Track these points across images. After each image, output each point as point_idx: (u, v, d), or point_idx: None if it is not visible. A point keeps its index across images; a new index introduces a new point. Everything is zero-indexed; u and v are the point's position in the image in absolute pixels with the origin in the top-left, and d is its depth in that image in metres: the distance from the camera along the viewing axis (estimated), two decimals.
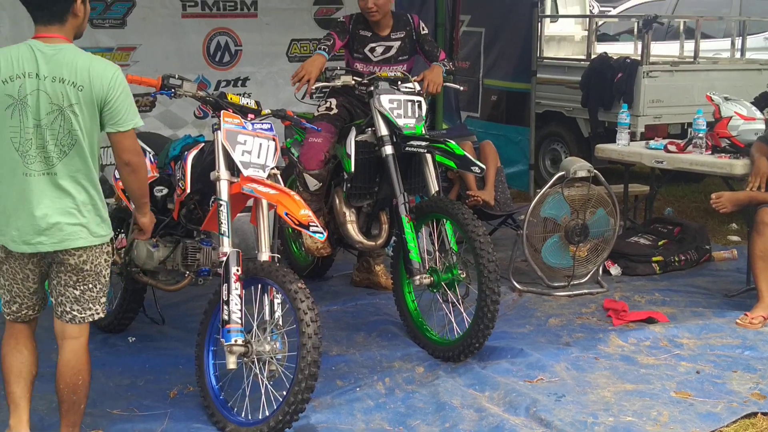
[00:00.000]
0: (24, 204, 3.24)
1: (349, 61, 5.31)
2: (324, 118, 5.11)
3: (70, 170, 3.27)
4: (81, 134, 3.25)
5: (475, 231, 4.39)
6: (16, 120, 3.21)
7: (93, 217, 3.33)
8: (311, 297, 3.65)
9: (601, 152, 6.59)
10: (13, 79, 3.19)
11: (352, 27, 5.20)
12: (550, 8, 11.56)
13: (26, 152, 3.22)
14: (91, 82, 3.23)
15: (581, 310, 5.40)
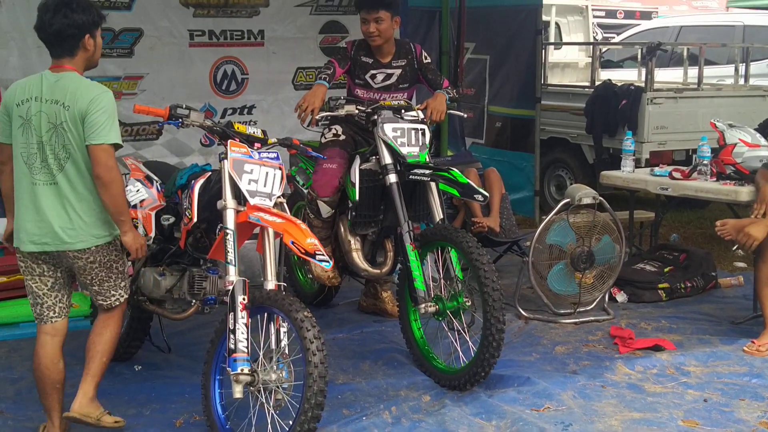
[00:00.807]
0: (32, 209, 3.70)
1: (350, 87, 5.33)
2: (335, 144, 5.13)
3: (69, 180, 3.68)
4: (73, 148, 3.65)
5: (479, 259, 4.39)
6: (25, 137, 3.68)
7: (94, 221, 3.72)
8: (317, 326, 3.65)
9: (606, 179, 6.60)
10: (23, 103, 3.68)
11: (353, 53, 5.23)
12: (554, 35, 11.67)
13: (33, 165, 3.68)
14: (76, 101, 3.61)
15: (588, 337, 5.39)
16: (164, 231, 4.43)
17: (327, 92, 4.98)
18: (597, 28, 14.26)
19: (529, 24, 8.54)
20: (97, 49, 3.78)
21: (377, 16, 5.07)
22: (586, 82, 10.01)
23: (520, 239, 6.39)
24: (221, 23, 6.91)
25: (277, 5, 7.11)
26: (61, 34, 3.67)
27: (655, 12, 17.54)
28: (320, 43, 7.37)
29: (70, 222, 3.69)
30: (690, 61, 9.11)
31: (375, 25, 5.08)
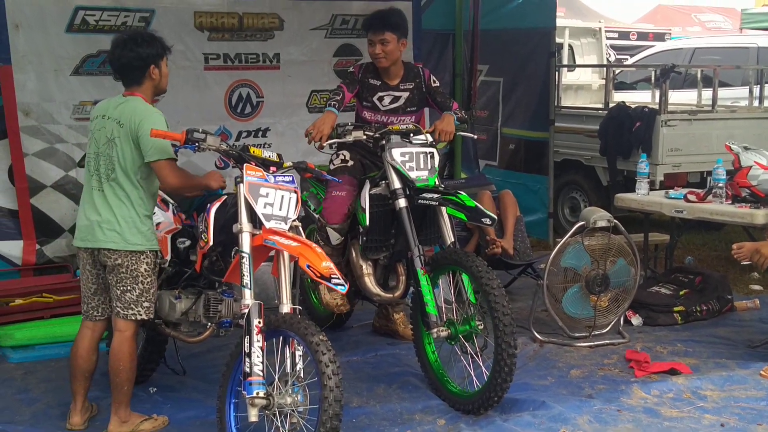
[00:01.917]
0: (86, 209, 4.18)
1: (358, 109, 5.35)
2: (344, 171, 5.15)
3: (113, 188, 4.11)
4: (119, 161, 4.09)
5: (490, 283, 4.38)
6: (90, 148, 4.23)
7: (129, 228, 4.09)
8: (333, 349, 3.66)
9: (621, 202, 6.60)
10: (95, 119, 4.24)
11: (361, 75, 5.26)
12: (567, 58, 11.68)
13: (91, 171, 4.19)
14: (130, 120, 4.06)
15: (603, 361, 5.36)
16: (180, 254, 4.45)
17: (336, 119, 5.00)
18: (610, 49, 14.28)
19: (542, 46, 8.56)
20: (163, 78, 4.25)
21: (383, 37, 5.10)
22: (599, 104, 9.99)
23: (534, 262, 6.39)
24: (236, 47, 6.97)
25: (292, 29, 7.17)
26: (129, 67, 4.15)
27: (668, 33, 17.55)
28: (334, 66, 7.42)
29: (108, 223, 4.08)
30: (704, 83, 9.09)
31: (381, 46, 5.12)
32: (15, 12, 5.97)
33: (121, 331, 4.15)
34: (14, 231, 6.24)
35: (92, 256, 4.17)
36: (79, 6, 6.23)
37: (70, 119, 6.33)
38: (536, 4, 8.52)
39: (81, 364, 4.25)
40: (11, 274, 6.21)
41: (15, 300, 5.84)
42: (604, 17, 18.70)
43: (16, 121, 6.08)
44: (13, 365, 5.25)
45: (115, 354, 4.15)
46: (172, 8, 6.61)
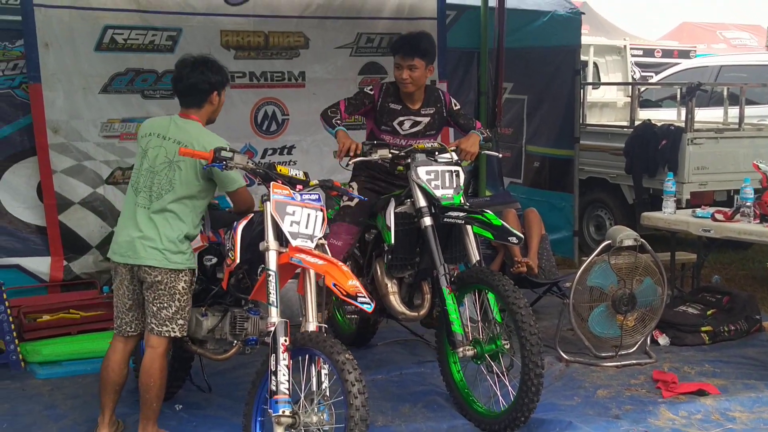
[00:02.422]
0: (127, 225, 4.20)
1: (373, 131, 5.28)
2: (344, 218, 5.09)
3: (163, 208, 4.14)
4: (178, 183, 4.14)
5: (516, 303, 4.36)
6: (139, 164, 4.26)
7: (171, 247, 4.12)
8: (359, 368, 3.65)
9: (648, 220, 6.55)
10: (147, 136, 4.27)
11: (381, 99, 5.20)
12: (592, 75, 11.65)
13: (137, 188, 4.22)
14: (198, 146, 4.10)
15: (630, 381, 5.32)
16: (207, 271, 4.47)
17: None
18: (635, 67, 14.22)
19: (567, 64, 8.55)
20: (219, 106, 4.37)
21: (412, 63, 5.07)
22: (624, 122, 9.96)
23: (559, 280, 6.35)
24: (262, 65, 7.01)
25: (317, 47, 7.20)
26: (194, 88, 4.24)
27: (693, 51, 17.49)
28: (359, 84, 7.42)
29: (150, 241, 4.11)
30: (730, 100, 9.04)
31: (408, 72, 5.07)
32: (45, 31, 6.04)
33: (154, 347, 4.18)
34: (42, 247, 6.30)
35: (131, 272, 4.20)
36: (108, 25, 6.30)
37: (98, 137, 6.39)
38: (561, 22, 8.52)
39: (112, 377, 4.29)
40: (39, 290, 6.26)
41: (42, 316, 5.89)
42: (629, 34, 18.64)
43: (45, 138, 6.15)
44: (40, 381, 5.29)
45: (146, 370, 4.17)
46: (199, 27, 6.66)
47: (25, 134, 6.23)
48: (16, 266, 6.22)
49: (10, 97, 6.18)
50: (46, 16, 6.03)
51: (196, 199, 4.21)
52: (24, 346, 5.57)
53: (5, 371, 5.40)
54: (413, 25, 7.46)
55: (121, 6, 6.32)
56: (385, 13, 7.41)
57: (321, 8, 7.10)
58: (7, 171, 6.22)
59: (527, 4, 8.64)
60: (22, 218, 6.30)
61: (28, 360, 5.50)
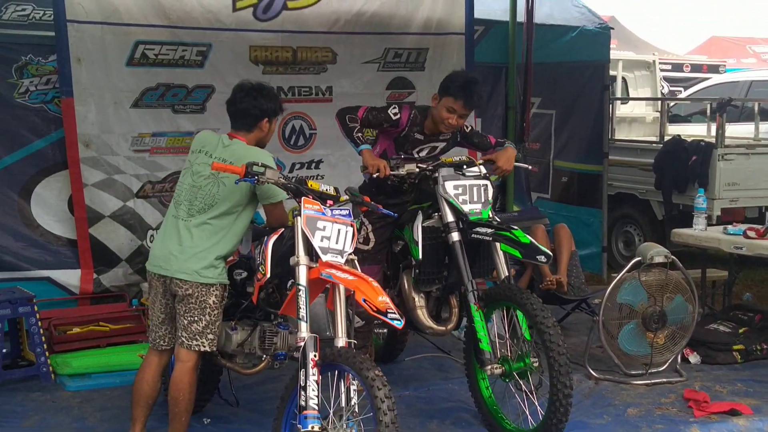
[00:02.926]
0: (165, 237, 4.26)
1: (387, 149, 5.21)
2: (365, 260, 4.96)
3: (203, 222, 4.19)
4: (220, 199, 4.19)
5: (545, 322, 4.32)
6: (183, 178, 4.33)
7: (204, 263, 4.15)
8: (388, 385, 3.63)
9: (678, 237, 6.50)
10: (197, 152, 4.34)
11: (408, 128, 5.12)
12: (621, 90, 11.60)
13: (179, 201, 4.28)
14: (241, 161, 4.08)
15: (660, 399, 5.26)
16: (237, 285, 4.48)
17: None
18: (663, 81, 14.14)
19: (596, 79, 8.52)
20: (269, 134, 4.45)
21: (466, 113, 5.04)
22: (653, 137, 9.90)
23: (588, 297, 6.30)
24: (289, 80, 7.03)
25: (345, 62, 7.22)
26: (246, 112, 4.33)
27: (722, 65, 17.36)
28: (387, 99, 7.44)
29: (183, 254, 4.15)
30: (761, 116, 8.96)
31: (459, 120, 5.02)
32: (78, 46, 6.11)
33: (184, 361, 4.19)
34: (73, 260, 6.36)
35: (164, 285, 4.23)
36: (139, 40, 6.36)
37: (129, 151, 6.45)
38: (590, 37, 8.50)
39: (145, 390, 4.30)
40: (69, 302, 6.31)
41: (72, 328, 5.93)
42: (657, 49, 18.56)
43: (76, 152, 6.21)
44: (70, 393, 5.32)
45: (175, 384, 4.19)
46: (228, 42, 6.70)
47: (57, 148, 6.30)
48: (46, 279, 6.28)
49: (42, 111, 6.26)
50: (78, 31, 6.09)
51: (237, 216, 4.24)
52: (54, 358, 5.61)
53: (36, 383, 5.43)
54: (441, 41, 7.48)
55: (152, 22, 6.38)
56: (412, 29, 7.41)
57: (349, 23, 7.12)
58: (38, 184, 6.30)
59: (555, 19, 8.62)
60: (53, 231, 6.37)
61: (58, 372, 5.53)
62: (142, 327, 6.03)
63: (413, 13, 7.36)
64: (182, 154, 6.04)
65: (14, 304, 5.42)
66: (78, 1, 6.05)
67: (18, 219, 6.25)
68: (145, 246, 6.47)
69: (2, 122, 6.16)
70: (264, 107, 4.36)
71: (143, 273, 4.70)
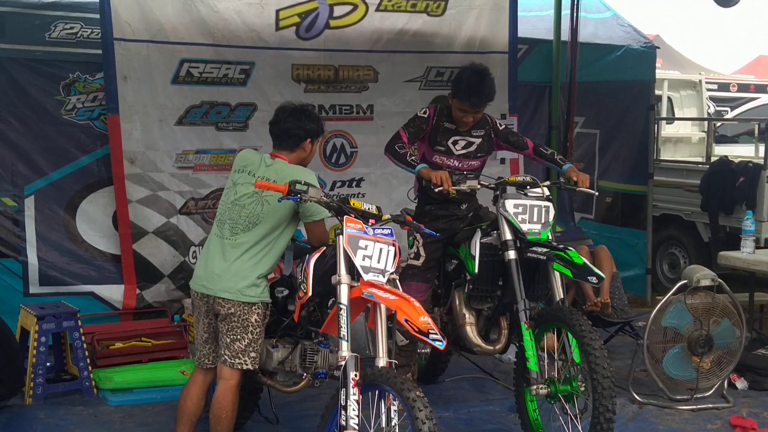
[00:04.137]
0: (209, 257, 4.27)
1: (426, 153, 5.22)
2: (415, 276, 5.06)
3: (248, 241, 4.20)
4: (264, 218, 4.21)
5: (592, 344, 4.28)
6: (227, 196, 4.35)
7: (247, 282, 4.15)
8: (429, 406, 3.60)
9: (725, 260, 6.38)
10: (239, 171, 4.38)
11: (436, 119, 5.17)
12: (666, 110, 11.47)
13: (222, 220, 4.30)
14: (285, 179, 4.10)
15: (706, 425, 5.17)
16: (278, 303, 4.47)
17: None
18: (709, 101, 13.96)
19: (641, 99, 8.44)
20: (310, 155, 4.48)
21: (479, 110, 5.10)
22: (699, 158, 9.76)
23: (632, 320, 6.21)
24: (331, 98, 7.06)
25: (386, 80, 7.23)
26: (289, 132, 4.37)
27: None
28: None
29: (227, 273, 4.17)
30: None
31: (474, 116, 5.10)
32: (124, 64, 6.20)
33: (227, 379, 4.20)
34: (116, 275, 6.42)
35: (207, 304, 4.25)
36: (184, 59, 6.43)
37: (173, 167, 6.51)
38: (635, 56, 8.42)
39: (190, 407, 4.32)
40: (112, 317, 6.37)
41: (115, 343, 5.98)
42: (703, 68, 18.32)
43: (122, 168, 6.29)
44: (112, 408, 5.35)
45: (218, 402, 4.19)
46: (270, 61, 6.75)
47: (102, 164, 6.39)
48: (90, 294, 6.36)
49: (89, 128, 6.36)
50: (125, 49, 6.19)
51: (279, 235, 4.25)
52: (97, 372, 5.65)
53: (78, 397, 5.48)
54: (484, 59, 7.41)
55: (197, 40, 6.46)
56: (455, 47, 7.40)
57: (391, 42, 7.14)
58: (84, 200, 6.39)
59: (600, 38, 8.55)
60: (98, 246, 6.45)
61: (101, 387, 5.57)
62: (183, 343, 6.08)
63: (456, 31, 7.35)
64: (225, 171, 6.08)
65: (59, 319, 5.47)
66: (125, 20, 6.15)
67: (63, 234, 6.35)
68: (187, 262, 6.52)
69: (49, 138, 6.27)
70: (307, 128, 4.39)
71: (185, 289, 4.74)
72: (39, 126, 6.24)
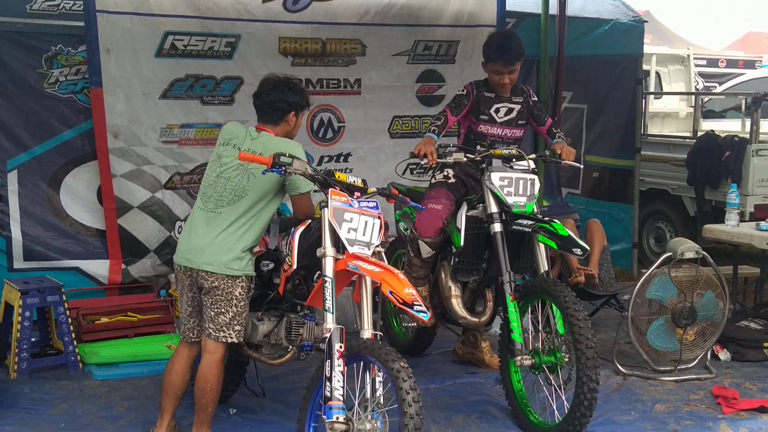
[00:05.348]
0: (192, 230, 4.24)
1: (471, 126, 5.25)
2: (443, 185, 5.14)
3: (232, 215, 4.17)
4: (249, 191, 4.18)
5: (576, 315, 4.30)
6: (211, 169, 4.31)
7: (230, 255, 4.13)
8: (414, 376, 3.62)
9: (710, 233, 6.41)
10: (225, 145, 4.33)
11: (476, 91, 5.20)
12: (654, 85, 11.47)
13: (206, 193, 4.27)
14: (269, 152, 4.06)
15: (689, 396, 5.20)
16: (263, 276, 4.47)
17: (436, 143, 4.95)
18: (698, 77, 13.96)
19: (629, 74, 8.43)
20: (295, 128, 4.43)
21: (514, 68, 5.09)
22: (687, 133, 9.77)
23: (618, 293, 6.23)
24: (318, 72, 7.01)
25: (374, 54, 7.18)
26: (273, 105, 4.33)
27: (758, 61, 17.11)
28: (417, 92, 7.41)
29: (211, 246, 4.14)
30: None
31: (509, 76, 5.10)
32: (107, 37, 6.13)
33: (211, 352, 4.20)
34: (101, 251, 6.40)
35: (191, 278, 4.23)
36: (168, 31, 6.37)
37: (157, 142, 6.47)
38: (623, 31, 8.39)
39: (175, 381, 4.32)
40: (97, 292, 6.35)
41: (100, 318, 5.98)
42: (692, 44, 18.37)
43: (105, 142, 6.24)
44: (97, 382, 5.35)
45: (203, 375, 4.20)
46: (257, 34, 6.70)
47: (86, 138, 6.33)
48: (75, 269, 6.33)
49: (72, 101, 6.29)
50: (108, 22, 6.12)
51: (263, 207, 4.23)
52: (82, 347, 5.65)
53: (64, 372, 5.48)
54: (472, 33, 7.41)
55: (181, 12, 6.38)
56: (443, 21, 7.36)
57: (379, 15, 7.08)
58: (68, 174, 6.34)
59: (589, 11, 8.52)
60: (82, 221, 6.41)
61: (86, 361, 5.57)
62: (169, 317, 6.07)
63: (444, 5, 7.31)
64: (210, 145, 6.05)
65: (43, 293, 5.46)
66: None
67: (48, 209, 6.30)
68: (173, 237, 6.50)
69: (32, 112, 6.21)
70: (291, 101, 4.35)
71: (171, 264, 4.72)
72: (21, 100, 6.17)
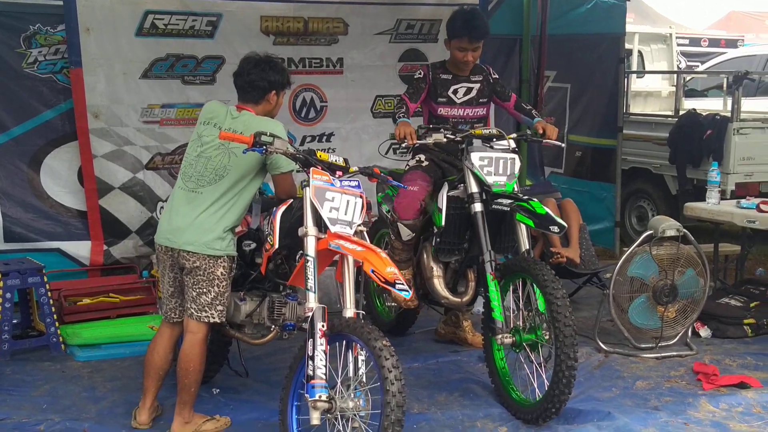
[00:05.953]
0: (173, 210, 4.21)
1: (431, 109, 5.27)
2: (418, 168, 5.14)
3: (213, 194, 4.14)
4: (230, 170, 4.15)
5: (554, 293, 4.32)
6: (191, 149, 4.28)
7: (211, 235, 4.11)
8: (396, 355, 3.63)
9: (691, 211, 6.45)
10: (205, 124, 4.30)
11: (432, 74, 5.22)
12: (637, 64, 11.49)
13: (187, 173, 4.23)
14: (250, 130, 4.04)
15: (670, 372, 5.24)
16: (245, 256, 4.47)
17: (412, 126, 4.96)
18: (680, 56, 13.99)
19: (611, 52, 8.41)
20: (276, 107, 4.40)
21: (478, 45, 5.11)
22: (669, 112, 9.79)
23: (599, 271, 6.28)
24: (300, 51, 6.99)
25: (357, 33, 7.17)
26: (253, 84, 4.29)
27: (740, 40, 17.17)
28: (399, 71, 7.39)
29: (192, 226, 4.12)
30: None
31: (473, 54, 5.12)
32: (86, 16, 6.09)
33: (193, 333, 4.19)
34: (83, 231, 6.38)
35: (172, 258, 4.21)
36: (148, 10, 6.33)
37: (138, 122, 6.44)
38: (605, 9, 8.38)
39: (157, 361, 4.33)
40: (79, 274, 6.34)
41: (82, 299, 5.96)
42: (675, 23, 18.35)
43: (86, 122, 6.21)
44: (80, 363, 5.34)
45: (185, 355, 4.20)
46: (238, 12, 6.67)
47: (66, 119, 6.29)
48: (57, 250, 6.31)
49: (51, 81, 6.24)
50: (87, 0, 6.06)
51: (244, 187, 4.20)
52: (64, 328, 5.63)
53: (46, 353, 5.46)
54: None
55: None
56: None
57: None
58: (48, 155, 6.30)
59: None
60: (63, 202, 6.38)
61: (69, 342, 5.56)
62: (152, 298, 6.06)
63: None
64: (192, 125, 5.98)
65: (24, 275, 5.44)
66: None
67: (28, 190, 6.27)
68: (154, 218, 6.49)
69: (11, 93, 6.16)
70: (272, 79, 4.32)
71: (153, 245, 4.70)
72: (0, 80, 6.12)
